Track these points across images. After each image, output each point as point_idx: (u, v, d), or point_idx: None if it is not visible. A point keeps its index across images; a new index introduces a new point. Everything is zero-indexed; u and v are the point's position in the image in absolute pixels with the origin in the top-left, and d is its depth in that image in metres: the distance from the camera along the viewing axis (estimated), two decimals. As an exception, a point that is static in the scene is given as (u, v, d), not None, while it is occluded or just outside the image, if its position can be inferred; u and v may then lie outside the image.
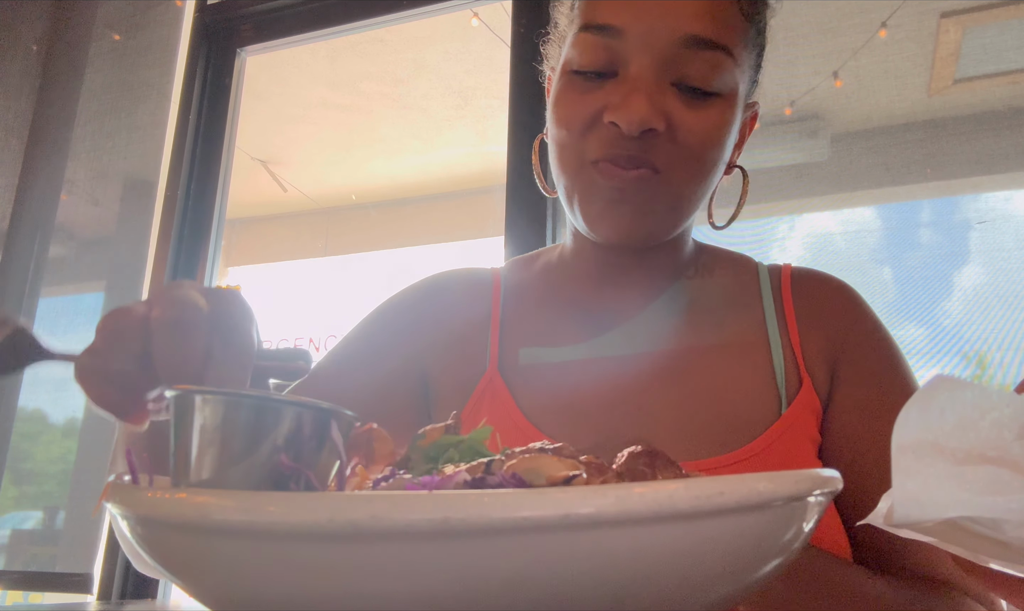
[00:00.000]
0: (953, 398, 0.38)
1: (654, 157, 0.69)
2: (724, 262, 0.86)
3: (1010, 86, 1.65)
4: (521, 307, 0.84)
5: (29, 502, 2.20)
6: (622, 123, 0.67)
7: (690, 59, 0.69)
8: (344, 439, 0.41)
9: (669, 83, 0.69)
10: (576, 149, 0.71)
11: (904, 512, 0.36)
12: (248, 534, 0.28)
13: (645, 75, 0.69)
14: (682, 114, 0.69)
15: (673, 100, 0.69)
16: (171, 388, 0.39)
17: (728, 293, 0.83)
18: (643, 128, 0.67)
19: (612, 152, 0.69)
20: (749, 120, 0.81)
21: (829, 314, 0.79)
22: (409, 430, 0.78)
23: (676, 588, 0.29)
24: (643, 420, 0.74)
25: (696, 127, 0.69)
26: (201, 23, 2.20)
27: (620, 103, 0.68)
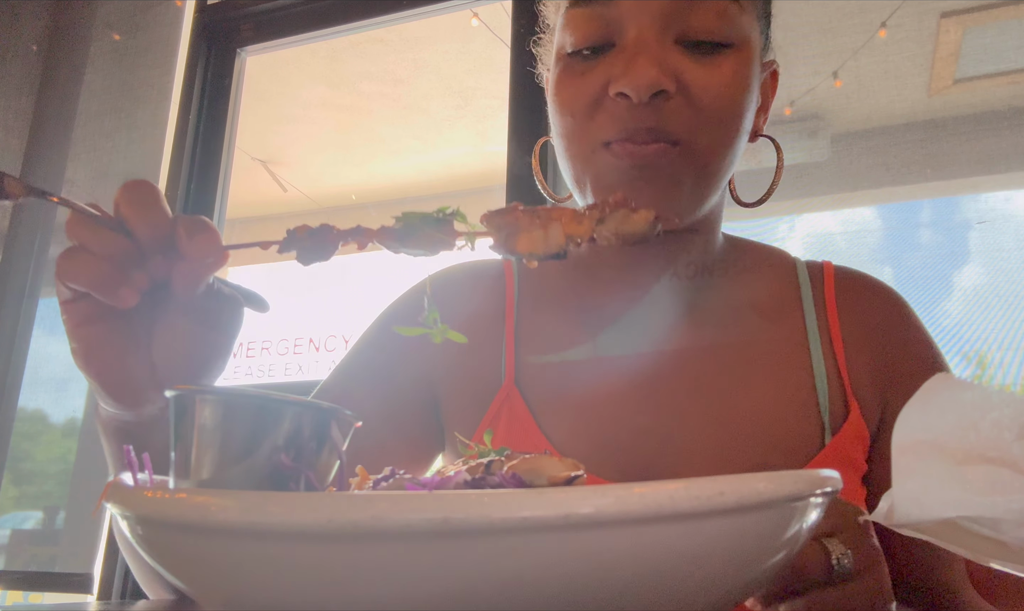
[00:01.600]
0: (953, 398, 0.38)
1: (671, 126, 0.63)
2: (759, 259, 0.78)
3: (1010, 86, 1.65)
4: (538, 309, 0.77)
5: (29, 502, 2.19)
6: (629, 90, 0.61)
7: (691, 11, 0.63)
8: (344, 439, 0.41)
9: (672, 41, 0.64)
10: (584, 134, 0.66)
11: (905, 512, 0.36)
12: (248, 534, 0.28)
13: (645, 36, 0.63)
14: (693, 71, 0.63)
15: (680, 58, 0.64)
16: (171, 388, 0.39)
17: (765, 298, 0.75)
18: (652, 91, 0.61)
19: (624, 128, 0.63)
20: (770, 82, 0.75)
21: (879, 330, 0.73)
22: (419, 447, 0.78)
23: (676, 588, 0.29)
24: (674, 449, 0.68)
25: (710, 83, 0.63)
26: (201, 23, 2.20)
27: (624, 71, 0.62)
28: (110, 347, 0.50)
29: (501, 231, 0.47)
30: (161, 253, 0.48)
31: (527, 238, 0.47)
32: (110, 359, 0.51)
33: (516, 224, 0.47)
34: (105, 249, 0.47)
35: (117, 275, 0.47)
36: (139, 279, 0.48)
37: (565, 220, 0.47)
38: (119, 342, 0.51)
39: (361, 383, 0.78)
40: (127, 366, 0.51)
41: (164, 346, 0.52)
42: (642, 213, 0.47)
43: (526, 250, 0.47)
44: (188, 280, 0.48)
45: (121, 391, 0.52)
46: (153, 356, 0.52)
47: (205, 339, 0.52)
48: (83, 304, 0.49)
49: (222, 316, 0.53)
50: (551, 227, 0.47)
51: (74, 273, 0.47)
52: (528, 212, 0.47)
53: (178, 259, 0.48)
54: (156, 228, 0.47)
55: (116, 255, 0.47)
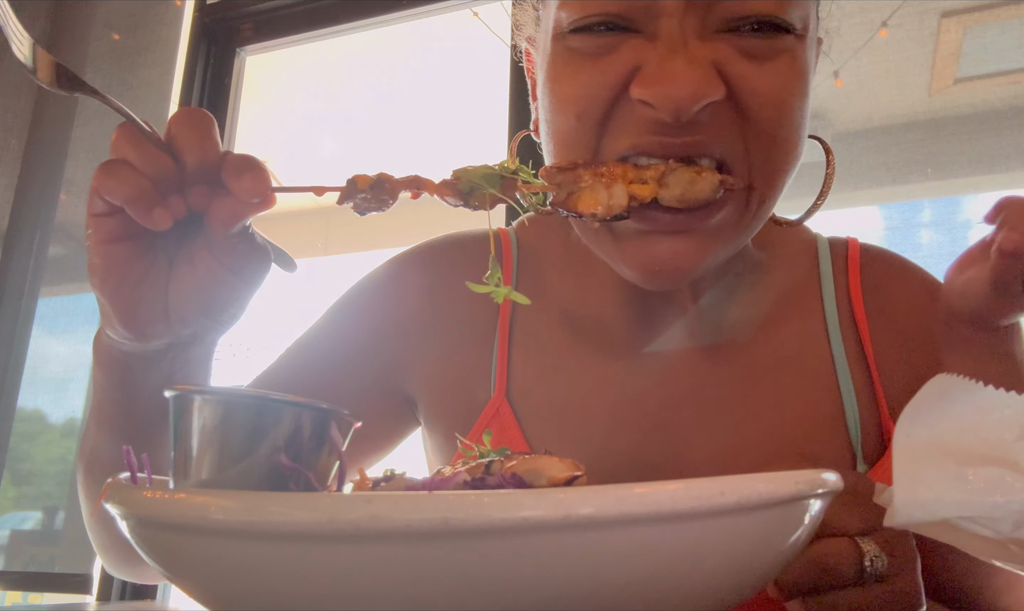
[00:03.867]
0: (954, 399, 0.38)
1: (715, 147, 0.49)
2: (779, 247, 0.67)
3: (1010, 86, 1.65)
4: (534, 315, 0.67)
5: (29, 502, 2.19)
6: (661, 104, 0.47)
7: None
8: (344, 439, 0.41)
9: (715, 31, 0.49)
10: (589, 145, 0.51)
11: (906, 512, 0.36)
12: (248, 534, 0.27)
13: (684, 26, 0.48)
14: (746, 72, 0.49)
15: (729, 53, 0.49)
16: (170, 389, 0.39)
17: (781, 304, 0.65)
18: (696, 107, 0.47)
19: (648, 150, 0.49)
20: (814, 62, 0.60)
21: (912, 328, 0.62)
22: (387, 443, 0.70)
23: (676, 588, 0.29)
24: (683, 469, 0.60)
25: (770, 88, 0.49)
26: (201, 23, 2.20)
27: (655, 72, 0.48)
28: (130, 270, 0.49)
29: (563, 188, 0.45)
30: (204, 183, 0.46)
31: (590, 196, 0.45)
32: (127, 282, 0.49)
33: (577, 181, 0.45)
34: (148, 166, 0.45)
35: (155, 195, 0.45)
36: (176, 204, 0.46)
37: (629, 179, 0.45)
38: (140, 266, 0.49)
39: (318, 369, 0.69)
40: (142, 293, 0.49)
41: (183, 281, 0.50)
42: (707, 176, 0.45)
43: (588, 209, 0.45)
44: (227, 217, 0.47)
45: (130, 317, 0.50)
46: (169, 289, 0.50)
47: (226, 282, 0.50)
48: (113, 220, 0.47)
49: (249, 264, 0.51)
50: (614, 187, 0.45)
51: (112, 186, 0.46)
52: (590, 168, 0.45)
53: (221, 193, 0.46)
54: (205, 155, 0.46)
55: (158, 174, 0.45)
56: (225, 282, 0.50)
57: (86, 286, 2.19)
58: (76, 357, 2.19)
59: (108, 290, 0.49)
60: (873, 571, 0.45)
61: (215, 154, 0.46)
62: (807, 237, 0.69)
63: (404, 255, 0.73)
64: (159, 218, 0.46)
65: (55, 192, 2.30)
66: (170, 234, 0.48)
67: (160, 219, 0.46)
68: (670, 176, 0.45)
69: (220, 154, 0.47)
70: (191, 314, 0.50)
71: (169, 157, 0.46)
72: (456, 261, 0.71)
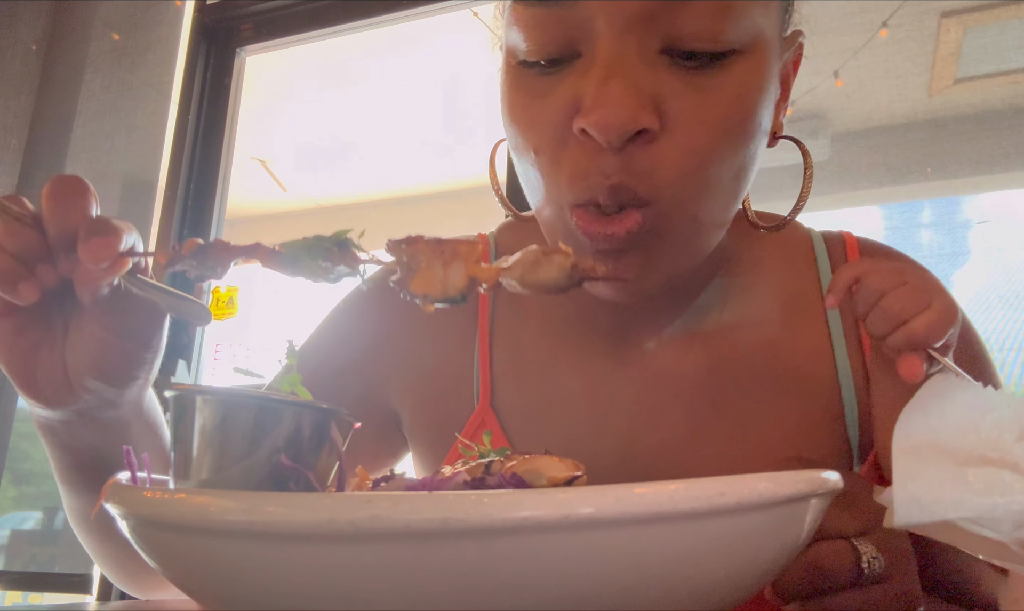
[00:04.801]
0: (953, 399, 0.38)
1: (645, 181, 0.48)
2: (772, 245, 0.66)
3: (1010, 86, 1.65)
4: (515, 319, 0.66)
5: (28, 502, 2.20)
6: (596, 130, 0.47)
7: (682, 9, 0.47)
8: (344, 440, 0.41)
9: (657, 51, 0.48)
10: (551, 182, 0.52)
11: (905, 513, 0.36)
12: (248, 534, 0.27)
13: (621, 49, 0.47)
14: (682, 98, 0.48)
15: (666, 77, 0.48)
16: (171, 388, 0.39)
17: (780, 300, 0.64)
18: (628, 134, 0.47)
19: (591, 186, 0.49)
20: (792, 61, 0.59)
21: None
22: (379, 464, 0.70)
23: (677, 588, 0.29)
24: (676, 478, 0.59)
25: (705, 114, 0.48)
26: (201, 23, 2.20)
27: (592, 101, 0.47)
28: (20, 341, 0.48)
29: (403, 264, 0.42)
30: (71, 250, 0.45)
31: (424, 276, 0.42)
32: (20, 354, 0.49)
33: (416, 257, 0.42)
34: (10, 241, 0.45)
35: (19, 269, 0.45)
36: (45, 274, 0.46)
37: (469, 259, 0.41)
38: (31, 336, 0.49)
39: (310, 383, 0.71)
40: (38, 363, 0.49)
41: (75, 348, 0.49)
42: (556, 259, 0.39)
43: (420, 290, 0.41)
44: (84, 283, 0.46)
45: (31, 388, 0.50)
46: (66, 356, 0.49)
47: (112, 346, 0.49)
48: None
49: (135, 324, 0.49)
50: (453, 265, 0.41)
51: None
52: (432, 245, 0.41)
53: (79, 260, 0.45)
54: (67, 223, 0.45)
55: (21, 248, 0.45)
56: (111, 346, 0.49)
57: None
58: (76, 357, 2.20)
59: (3, 362, 0.49)
60: (871, 572, 0.45)
61: (78, 222, 0.45)
62: (801, 234, 0.68)
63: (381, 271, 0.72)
64: (24, 292, 0.45)
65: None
66: (64, 299, 0.48)
67: (26, 293, 0.45)
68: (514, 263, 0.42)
69: (84, 220, 0.45)
70: (89, 381, 0.49)
71: (32, 229, 0.45)
72: None
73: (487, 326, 0.66)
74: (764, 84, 0.51)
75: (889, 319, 0.45)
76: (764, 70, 0.51)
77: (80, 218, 0.45)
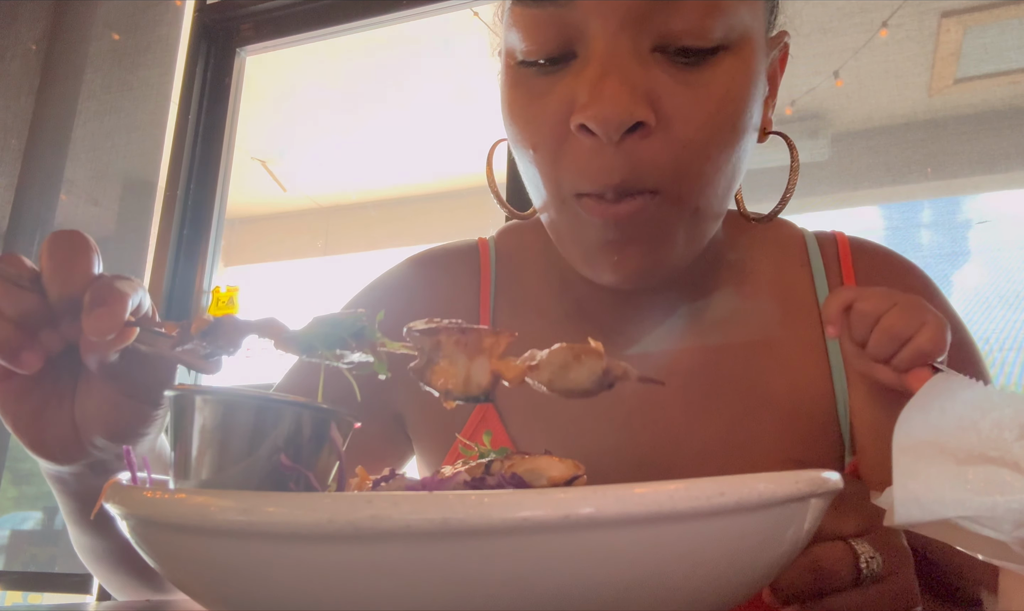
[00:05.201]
0: (953, 398, 0.38)
1: (647, 174, 0.50)
2: (765, 244, 0.68)
3: (1010, 86, 1.65)
4: (515, 315, 0.68)
5: (29, 502, 2.19)
6: (594, 123, 0.49)
7: (672, 9, 0.49)
8: (344, 440, 0.41)
9: (649, 51, 0.50)
10: (550, 177, 0.54)
11: (905, 512, 0.36)
12: (248, 534, 0.27)
13: (614, 47, 0.49)
14: (675, 94, 0.50)
15: (660, 75, 0.50)
16: (171, 388, 0.39)
17: (772, 293, 0.65)
18: (625, 126, 0.49)
19: (594, 180, 0.51)
20: (779, 60, 0.61)
21: None
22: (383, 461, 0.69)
23: (676, 588, 0.29)
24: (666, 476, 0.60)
25: (696, 107, 0.50)
26: (201, 23, 2.20)
27: (588, 98, 0.49)
28: (26, 403, 0.47)
29: (423, 353, 0.40)
30: (75, 313, 0.43)
31: (446, 369, 0.39)
32: (26, 415, 0.47)
33: (438, 348, 0.39)
34: (10, 308, 0.43)
35: (20, 337, 0.43)
36: (49, 339, 0.44)
37: (494, 354, 0.39)
38: (37, 397, 0.47)
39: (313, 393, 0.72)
40: (46, 423, 0.47)
41: (84, 407, 0.48)
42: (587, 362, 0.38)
43: (441, 384, 0.39)
44: (89, 352, 0.44)
45: (40, 448, 0.48)
46: (75, 414, 0.48)
47: (121, 406, 0.48)
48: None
49: (144, 383, 0.48)
50: (476, 360, 0.39)
51: None
52: (456, 335, 0.39)
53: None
54: (68, 287, 0.43)
55: (22, 315, 0.43)
56: (121, 406, 0.48)
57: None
58: (76, 357, 2.19)
59: (10, 424, 0.47)
60: (869, 572, 0.45)
61: (81, 284, 0.43)
62: (794, 232, 0.69)
63: (384, 277, 0.73)
64: (27, 361, 0.43)
65: (55, 192, 2.31)
66: (67, 359, 0.46)
67: (29, 362, 0.43)
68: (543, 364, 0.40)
69: (88, 282, 0.43)
70: (98, 439, 0.48)
71: (33, 294, 0.43)
72: (434, 276, 0.72)
73: (488, 305, 0.68)
74: (752, 79, 0.53)
75: (893, 339, 0.45)
76: (751, 66, 0.53)
77: (82, 281, 0.43)
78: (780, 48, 0.61)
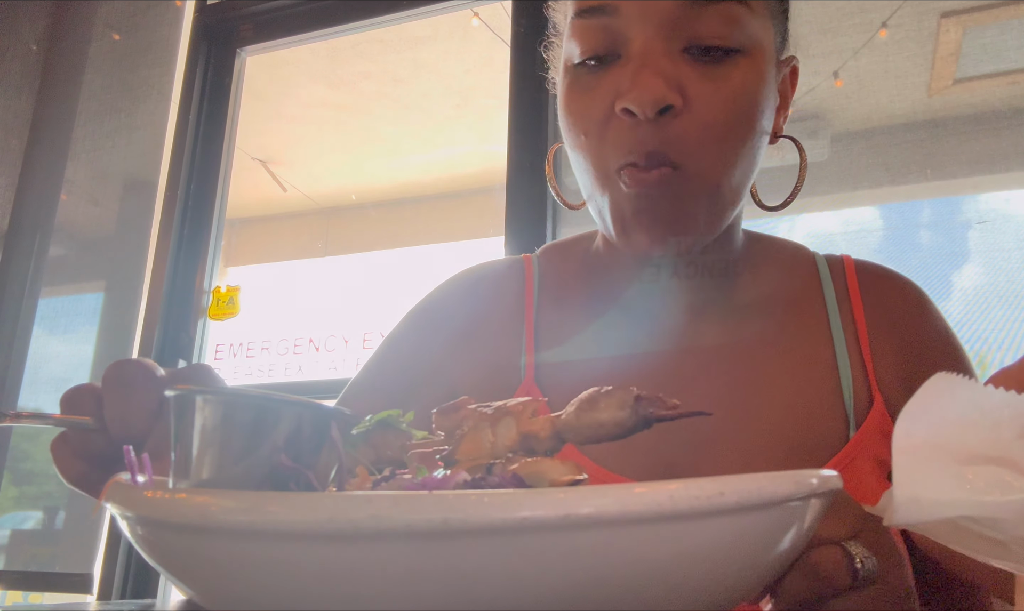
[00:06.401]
0: (953, 398, 0.38)
1: (672, 148, 0.61)
2: (779, 254, 0.78)
3: (1010, 86, 1.65)
4: (557, 307, 0.77)
5: (29, 502, 2.20)
6: (634, 106, 0.60)
7: (698, 18, 0.61)
8: (344, 439, 0.41)
9: (679, 51, 0.62)
10: (596, 157, 0.65)
11: (905, 512, 0.36)
12: (248, 534, 0.28)
13: (651, 47, 0.62)
14: (698, 84, 0.61)
15: (687, 69, 0.62)
16: (171, 389, 0.39)
17: (786, 292, 0.75)
18: (658, 107, 0.60)
19: (631, 152, 0.62)
20: (789, 78, 0.73)
21: (902, 323, 0.72)
22: None
23: (676, 588, 0.29)
24: (698, 443, 0.67)
25: (717, 96, 0.62)
26: (201, 23, 2.20)
27: (629, 85, 0.61)
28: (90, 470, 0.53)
29: (449, 433, 0.40)
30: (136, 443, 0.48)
31: (472, 440, 0.39)
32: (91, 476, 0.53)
33: (461, 423, 0.40)
34: (82, 453, 0.50)
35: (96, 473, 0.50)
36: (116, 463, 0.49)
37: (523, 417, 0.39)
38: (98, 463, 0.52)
39: (384, 378, 0.79)
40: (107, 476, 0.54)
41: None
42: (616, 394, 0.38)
43: (468, 461, 0.39)
44: None
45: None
46: None
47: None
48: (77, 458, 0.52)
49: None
50: (501, 423, 0.39)
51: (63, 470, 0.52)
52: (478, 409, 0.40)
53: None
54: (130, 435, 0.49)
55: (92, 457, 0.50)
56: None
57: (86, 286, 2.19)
58: (76, 357, 2.20)
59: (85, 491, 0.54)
60: (865, 573, 0.45)
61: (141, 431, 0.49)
62: (806, 253, 0.79)
63: (450, 282, 0.84)
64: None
65: (55, 192, 2.31)
66: None
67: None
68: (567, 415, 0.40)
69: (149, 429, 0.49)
70: None
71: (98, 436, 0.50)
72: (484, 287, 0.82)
73: (532, 312, 0.77)
74: (763, 80, 0.65)
75: None
76: (763, 70, 0.65)
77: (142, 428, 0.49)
78: (789, 69, 0.73)
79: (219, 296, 2.08)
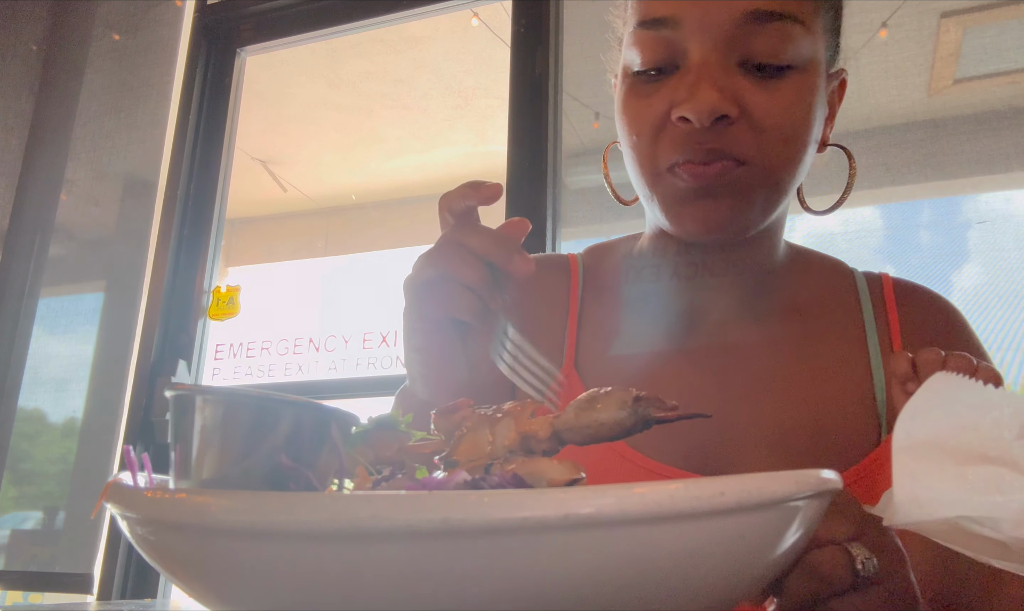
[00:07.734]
0: (953, 398, 0.38)
1: (734, 147, 0.65)
2: (819, 265, 0.81)
3: (1010, 86, 1.65)
4: (600, 300, 0.81)
5: (29, 502, 2.20)
6: (691, 115, 0.63)
7: (755, 35, 0.64)
8: (344, 439, 0.41)
9: (735, 65, 0.65)
10: (649, 156, 0.68)
11: (905, 512, 0.36)
12: (248, 534, 0.28)
13: (708, 61, 0.65)
14: (755, 96, 0.65)
15: (743, 82, 0.65)
16: (171, 388, 0.39)
17: (824, 300, 0.78)
18: (714, 116, 0.63)
19: (687, 151, 0.65)
20: (837, 90, 0.77)
21: (937, 337, 0.74)
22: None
23: (676, 588, 0.29)
24: (731, 436, 0.70)
25: (772, 108, 0.65)
26: (201, 23, 2.20)
27: (686, 96, 0.64)
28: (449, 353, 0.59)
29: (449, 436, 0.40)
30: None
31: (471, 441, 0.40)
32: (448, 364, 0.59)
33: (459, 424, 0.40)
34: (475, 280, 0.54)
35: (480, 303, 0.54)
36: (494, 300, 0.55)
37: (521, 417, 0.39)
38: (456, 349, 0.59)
39: None
40: (458, 369, 0.59)
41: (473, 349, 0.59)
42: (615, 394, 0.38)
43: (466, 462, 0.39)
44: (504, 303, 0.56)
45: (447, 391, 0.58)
46: (470, 358, 0.60)
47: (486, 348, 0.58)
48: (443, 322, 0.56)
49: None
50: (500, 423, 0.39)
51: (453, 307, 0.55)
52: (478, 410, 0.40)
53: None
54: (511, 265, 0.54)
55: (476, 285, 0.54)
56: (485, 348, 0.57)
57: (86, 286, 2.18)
58: (76, 357, 2.20)
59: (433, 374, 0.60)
60: (866, 574, 0.45)
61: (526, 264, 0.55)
62: (845, 268, 0.82)
63: None
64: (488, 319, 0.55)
65: (55, 192, 2.31)
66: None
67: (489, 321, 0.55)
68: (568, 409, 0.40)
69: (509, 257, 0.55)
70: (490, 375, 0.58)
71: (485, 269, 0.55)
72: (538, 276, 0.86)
73: (576, 303, 0.81)
74: (814, 93, 0.68)
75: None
76: (814, 83, 0.68)
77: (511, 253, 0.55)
78: (839, 81, 0.76)
79: (219, 296, 2.08)
